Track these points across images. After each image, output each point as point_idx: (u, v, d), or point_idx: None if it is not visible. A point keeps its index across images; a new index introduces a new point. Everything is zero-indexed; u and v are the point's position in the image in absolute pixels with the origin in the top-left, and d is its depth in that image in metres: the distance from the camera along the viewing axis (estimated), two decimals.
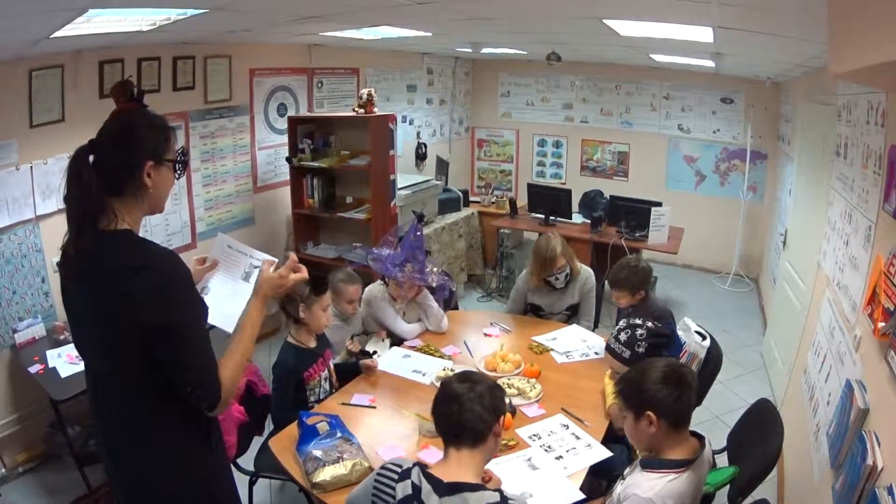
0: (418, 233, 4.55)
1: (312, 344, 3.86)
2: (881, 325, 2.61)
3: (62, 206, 2.05)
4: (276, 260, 2.51)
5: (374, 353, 4.32)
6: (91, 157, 2.04)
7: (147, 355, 2.00)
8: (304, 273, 2.45)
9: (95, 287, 2.01)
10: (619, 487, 2.69)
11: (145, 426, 2.13)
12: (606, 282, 4.63)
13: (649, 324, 3.43)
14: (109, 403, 2.17)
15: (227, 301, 2.44)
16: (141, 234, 2.12)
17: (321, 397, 3.82)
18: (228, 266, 2.53)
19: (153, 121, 2.14)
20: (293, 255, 2.47)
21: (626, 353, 3.36)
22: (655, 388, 2.54)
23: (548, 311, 5.05)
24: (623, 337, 3.41)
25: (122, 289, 1.95)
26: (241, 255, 2.53)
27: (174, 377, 2.04)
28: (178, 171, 2.22)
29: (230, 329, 2.34)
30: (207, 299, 2.38)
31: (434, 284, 4.57)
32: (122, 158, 2.05)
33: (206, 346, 2.10)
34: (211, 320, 2.34)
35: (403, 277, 4.47)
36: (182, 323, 2.02)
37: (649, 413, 2.53)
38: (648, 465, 2.60)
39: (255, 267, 2.48)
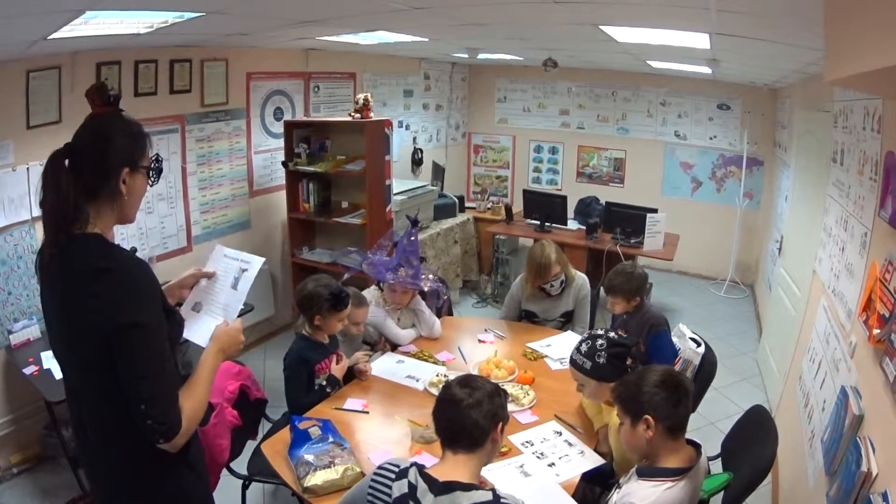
0: (412, 237, 4.55)
1: (325, 340, 3.93)
2: (876, 331, 2.61)
3: None
4: (263, 259, 2.50)
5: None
6: (67, 161, 2.00)
7: (112, 368, 1.94)
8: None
9: (64, 289, 1.99)
10: (614, 496, 2.68)
11: (117, 438, 2.07)
12: (602, 288, 4.62)
13: (611, 334, 3.41)
14: (80, 411, 2.13)
15: (212, 316, 2.42)
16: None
17: (328, 392, 3.84)
18: (222, 276, 2.51)
19: (130, 127, 2.12)
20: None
21: (588, 364, 3.34)
22: (653, 392, 2.54)
23: (542, 317, 5.05)
24: (584, 348, 3.39)
25: (89, 291, 1.92)
26: (232, 262, 2.52)
27: (128, 392, 1.93)
28: (153, 178, 2.20)
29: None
30: (202, 318, 2.39)
31: (426, 289, 4.56)
32: (99, 164, 2.02)
33: (166, 364, 2.02)
34: (189, 336, 2.33)
35: (395, 281, 4.47)
36: (143, 326, 1.94)
37: (647, 417, 2.53)
38: (645, 473, 2.59)
39: (244, 270, 2.47)
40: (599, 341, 3.35)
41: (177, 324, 2.23)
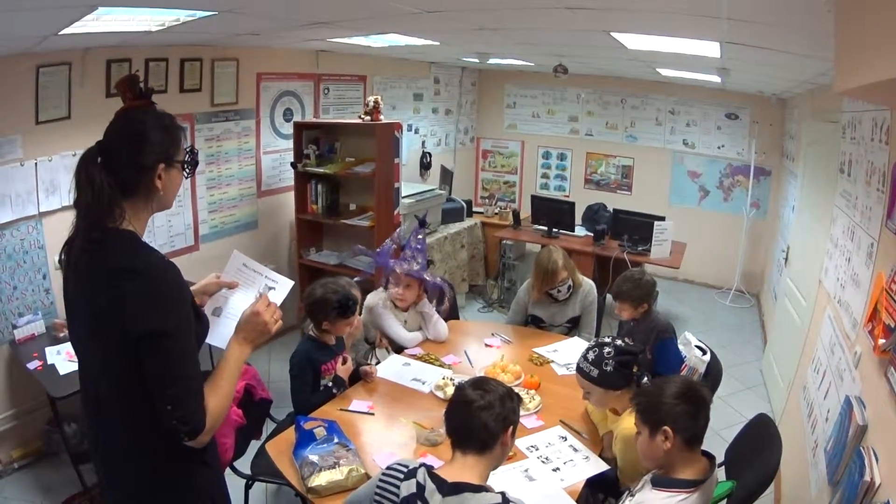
0: (419, 236, 4.57)
1: (332, 342, 3.94)
2: (882, 341, 2.61)
3: (66, 203, 2.02)
4: (293, 282, 2.47)
5: (377, 361, 4.34)
6: (99, 159, 1.98)
7: (136, 366, 1.93)
8: (279, 313, 2.32)
9: (92, 286, 1.97)
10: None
11: (135, 434, 2.07)
12: (609, 294, 4.62)
13: (618, 342, 3.40)
14: (99, 406, 2.12)
15: (235, 322, 2.33)
16: (144, 235, 2.08)
17: (333, 393, 3.85)
18: (244, 287, 2.46)
19: (164, 121, 2.10)
20: (265, 296, 2.32)
21: (595, 372, 3.33)
22: (673, 403, 2.54)
23: (549, 322, 5.05)
24: (591, 356, 3.38)
25: (116, 293, 1.90)
26: (257, 275, 2.47)
27: (155, 393, 1.94)
28: (188, 171, 2.18)
29: None
30: (222, 322, 2.34)
31: (428, 278, 4.58)
32: (134, 161, 2.00)
33: (193, 366, 2.02)
34: (213, 341, 2.29)
35: (400, 269, 4.48)
36: (169, 334, 1.94)
37: (666, 428, 2.52)
38: (660, 483, 2.59)
39: (270, 288, 2.42)
40: (606, 349, 3.34)
41: (204, 326, 2.22)
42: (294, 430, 3.33)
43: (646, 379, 3.36)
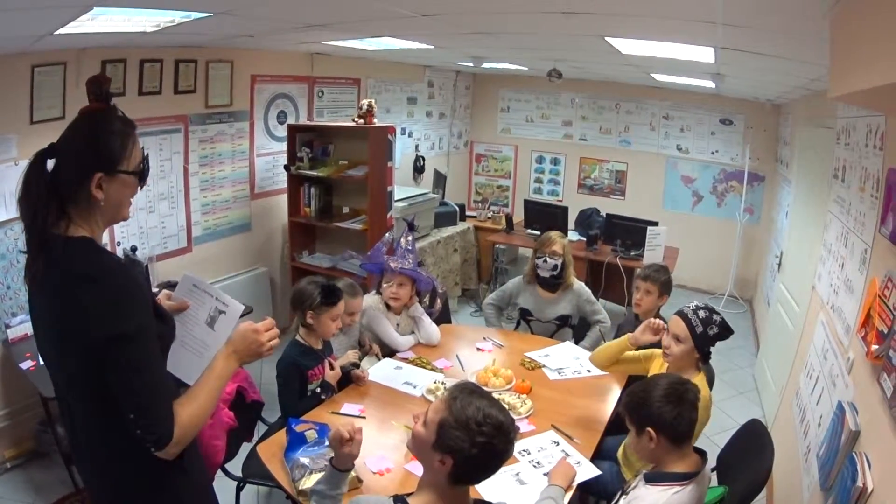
0: (409, 237, 4.59)
1: (318, 346, 3.94)
2: (874, 347, 2.61)
3: None
4: (243, 307, 2.34)
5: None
6: (52, 162, 1.93)
7: (101, 374, 1.87)
8: (276, 341, 2.23)
9: (50, 297, 1.93)
10: (622, 503, 2.70)
11: (106, 443, 2.02)
12: (638, 274, 4.63)
13: (722, 317, 3.41)
14: (71, 414, 2.09)
15: (190, 351, 2.28)
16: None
17: (322, 398, 3.83)
18: (194, 308, 2.35)
19: (113, 126, 1.99)
20: (271, 319, 2.24)
21: (699, 329, 3.31)
22: (657, 406, 2.56)
23: (536, 316, 5.08)
24: (702, 314, 3.35)
25: (74, 301, 1.85)
26: (207, 297, 2.34)
27: (119, 400, 1.88)
28: (139, 183, 2.07)
29: (191, 382, 2.12)
30: (173, 349, 2.22)
31: (422, 275, 4.63)
32: (73, 167, 1.93)
33: (157, 371, 1.97)
34: (170, 368, 2.17)
35: (396, 265, 4.50)
36: (129, 338, 1.86)
37: (649, 430, 2.55)
38: (652, 479, 2.63)
39: (221, 312, 2.31)
40: (716, 316, 3.35)
41: (170, 326, 2.17)
42: (285, 432, 3.32)
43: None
